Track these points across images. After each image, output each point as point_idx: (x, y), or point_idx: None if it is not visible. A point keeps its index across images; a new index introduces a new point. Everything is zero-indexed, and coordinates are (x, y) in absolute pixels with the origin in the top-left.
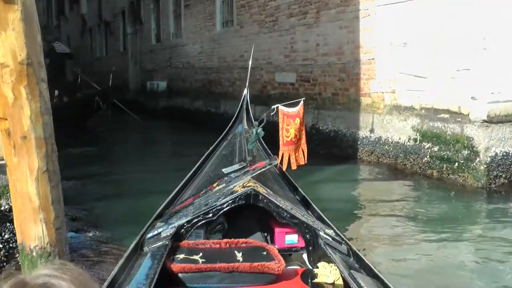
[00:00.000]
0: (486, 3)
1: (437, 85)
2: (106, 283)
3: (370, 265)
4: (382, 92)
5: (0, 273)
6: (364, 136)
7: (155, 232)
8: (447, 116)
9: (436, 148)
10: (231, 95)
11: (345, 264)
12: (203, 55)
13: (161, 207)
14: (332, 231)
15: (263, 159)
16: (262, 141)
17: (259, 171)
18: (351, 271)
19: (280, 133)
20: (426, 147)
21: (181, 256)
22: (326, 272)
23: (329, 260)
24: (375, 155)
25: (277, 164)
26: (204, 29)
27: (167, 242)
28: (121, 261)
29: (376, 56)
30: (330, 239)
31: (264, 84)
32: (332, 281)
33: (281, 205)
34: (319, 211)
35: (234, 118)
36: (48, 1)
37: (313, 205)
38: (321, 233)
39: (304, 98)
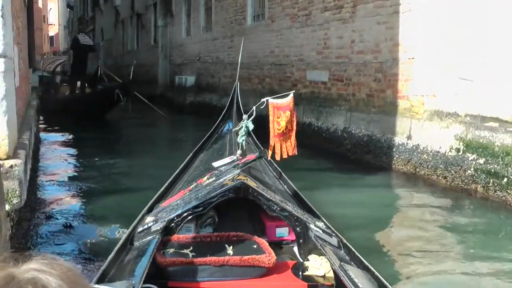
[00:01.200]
0: None
1: (485, 89)
2: (96, 277)
3: (360, 257)
4: (422, 95)
5: None
6: (400, 143)
7: (145, 226)
8: (496, 124)
9: (481, 161)
10: (260, 92)
11: (336, 257)
12: (233, 50)
13: (151, 201)
14: (322, 223)
15: (253, 152)
16: (252, 134)
17: (249, 164)
18: (342, 263)
19: (271, 125)
20: (470, 159)
21: (172, 250)
22: (317, 264)
23: (320, 253)
24: (412, 165)
25: (267, 157)
26: (234, 23)
27: (157, 236)
28: (111, 255)
29: (417, 55)
30: (321, 231)
31: (294, 82)
32: (323, 274)
33: (271, 198)
34: (309, 203)
35: (224, 111)
36: None
37: (304, 197)
38: (312, 226)
39: (293, 91)
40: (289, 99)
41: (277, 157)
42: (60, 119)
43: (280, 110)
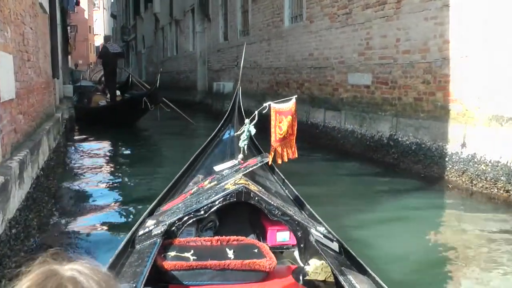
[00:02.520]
0: None
1: None
2: None
3: (361, 262)
4: (478, 98)
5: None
6: (453, 151)
7: (146, 230)
8: None
9: None
10: (299, 98)
11: (336, 262)
12: (270, 53)
13: (153, 204)
14: (323, 228)
15: (254, 156)
16: (254, 139)
17: (250, 169)
18: (342, 268)
19: (273, 130)
20: None
21: (172, 253)
22: (318, 269)
23: (321, 258)
24: (468, 176)
25: (268, 161)
26: (271, 25)
27: (158, 240)
28: (112, 259)
29: (471, 52)
30: (322, 236)
31: (335, 86)
32: (323, 279)
33: (272, 203)
34: (310, 208)
35: (225, 115)
36: (126, 2)
37: (305, 202)
38: (313, 231)
39: (296, 96)
40: (291, 104)
41: (279, 161)
42: (93, 128)
43: (282, 115)
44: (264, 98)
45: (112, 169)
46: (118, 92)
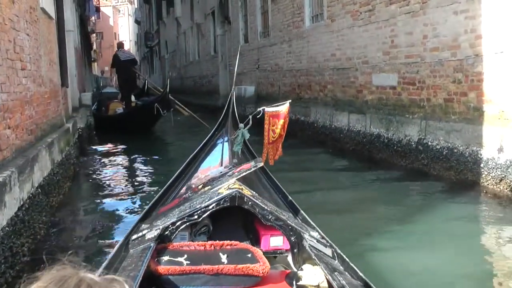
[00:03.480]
0: None
1: None
2: None
3: (355, 267)
4: None
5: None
6: (489, 157)
7: (140, 234)
8: None
9: None
10: (322, 101)
11: (330, 267)
12: (291, 55)
13: (146, 209)
14: (317, 233)
15: (248, 161)
16: (248, 143)
17: (244, 173)
18: (336, 273)
19: (266, 134)
20: None
21: (166, 258)
22: (311, 274)
23: (314, 263)
24: (506, 184)
25: (262, 165)
26: (292, 26)
27: (151, 244)
28: (105, 263)
29: (506, 48)
30: (315, 241)
31: (358, 88)
32: (317, 284)
33: (266, 207)
34: (304, 213)
35: (220, 119)
36: (149, 7)
37: (298, 207)
38: (306, 236)
39: (290, 100)
40: (284, 108)
41: (271, 162)
42: (110, 136)
43: (275, 118)
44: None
45: (124, 180)
46: (133, 99)
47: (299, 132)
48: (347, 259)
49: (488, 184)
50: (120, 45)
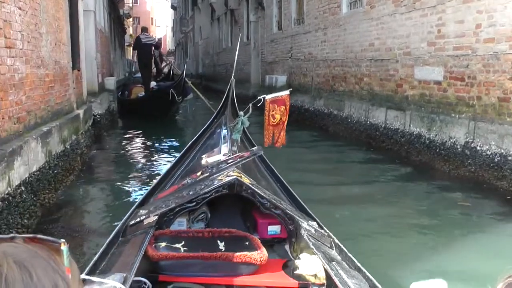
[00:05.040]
0: None
1: None
2: (87, 269)
3: (352, 257)
4: None
5: None
6: None
7: (138, 220)
8: None
9: None
10: (357, 94)
11: (327, 256)
12: (326, 44)
13: (144, 195)
14: (315, 223)
15: (247, 149)
16: (247, 131)
17: (243, 161)
18: (333, 263)
19: (266, 118)
20: None
21: (163, 244)
22: (308, 263)
23: (312, 252)
24: None
25: (261, 153)
26: (328, 12)
27: (149, 230)
28: (102, 248)
29: None
30: (313, 230)
31: (398, 81)
32: (314, 273)
33: (264, 195)
34: (302, 202)
35: (219, 107)
36: None
37: (297, 196)
38: (304, 225)
39: (291, 89)
40: (284, 94)
41: (277, 145)
42: (133, 121)
43: (275, 103)
44: (320, 94)
45: (134, 170)
46: (153, 83)
47: (331, 127)
48: (344, 249)
49: None
50: (144, 29)
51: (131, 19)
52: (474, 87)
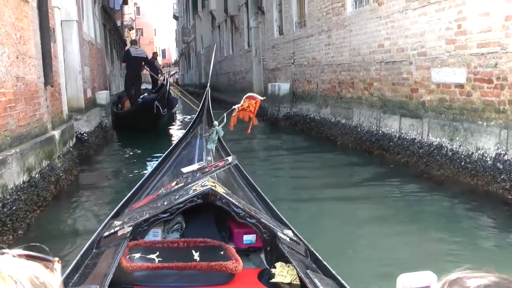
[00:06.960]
0: None
1: None
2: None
3: (327, 265)
4: None
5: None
6: None
7: (112, 231)
8: None
9: None
10: (367, 101)
11: (302, 264)
12: (331, 47)
13: (119, 206)
14: (290, 231)
15: (222, 158)
16: (222, 141)
17: (218, 171)
18: (308, 271)
19: (239, 107)
20: None
21: (138, 255)
22: (283, 272)
23: (287, 260)
24: None
25: (236, 162)
26: (331, 13)
27: (123, 241)
28: (76, 260)
29: None
30: (288, 239)
31: (413, 85)
32: (289, 281)
33: (239, 205)
34: (277, 211)
35: (195, 117)
36: (186, 2)
37: (272, 205)
38: (279, 233)
39: (264, 97)
40: (259, 97)
41: (231, 126)
42: (127, 134)
43: (250, 99)
44: (326, 102)
45: (113, 193)
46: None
47: (339, 137)
48: (319, 257)
49: None
50: (134, 42)
51: (133, 31)
52: (505, 90)
